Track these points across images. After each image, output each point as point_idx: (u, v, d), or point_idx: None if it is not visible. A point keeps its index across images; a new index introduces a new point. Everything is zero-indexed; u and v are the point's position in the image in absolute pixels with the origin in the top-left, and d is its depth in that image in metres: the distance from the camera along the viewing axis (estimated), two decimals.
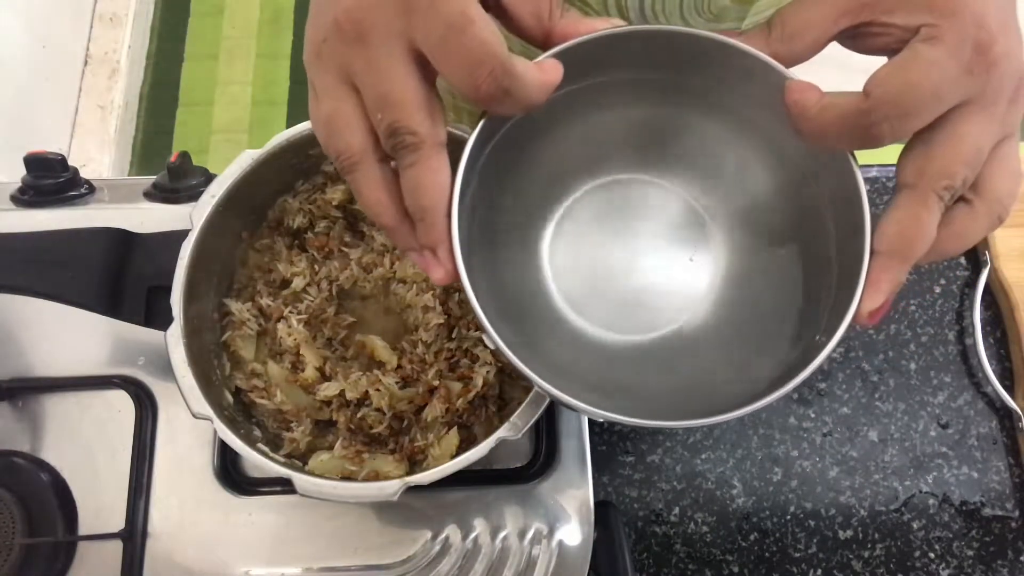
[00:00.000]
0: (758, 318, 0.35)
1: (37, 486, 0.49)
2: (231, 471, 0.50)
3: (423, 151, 0.28)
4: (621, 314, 0.36)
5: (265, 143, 0.45)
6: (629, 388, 0.35)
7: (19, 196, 0.56)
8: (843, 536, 0.53)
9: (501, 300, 0.33)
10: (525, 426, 0.41)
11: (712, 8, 0.43)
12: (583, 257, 0.37)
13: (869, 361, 0.57)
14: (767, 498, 0.54)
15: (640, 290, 0.36)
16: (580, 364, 0.35)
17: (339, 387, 0.48)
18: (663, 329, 0.36)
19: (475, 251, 0.31)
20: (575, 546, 0.48)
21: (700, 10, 0.43)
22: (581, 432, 0.51)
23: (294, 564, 0.48)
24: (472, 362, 0.49)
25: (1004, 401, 0.55)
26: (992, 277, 0.57)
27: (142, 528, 0.49)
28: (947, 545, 0.53)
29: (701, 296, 0.36)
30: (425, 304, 0.49)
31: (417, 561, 0.48)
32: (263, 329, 0.50)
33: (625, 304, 0.36)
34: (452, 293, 0.51)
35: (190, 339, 0.43)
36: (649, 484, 0.54)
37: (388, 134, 0.28)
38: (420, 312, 0.50)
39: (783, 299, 0.34)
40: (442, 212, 0.28)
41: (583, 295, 0.36)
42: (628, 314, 0.36)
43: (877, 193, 0.61)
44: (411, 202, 0.28)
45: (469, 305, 0.28)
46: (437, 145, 0.28)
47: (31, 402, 0.51)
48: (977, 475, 0.54)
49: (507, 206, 0.35)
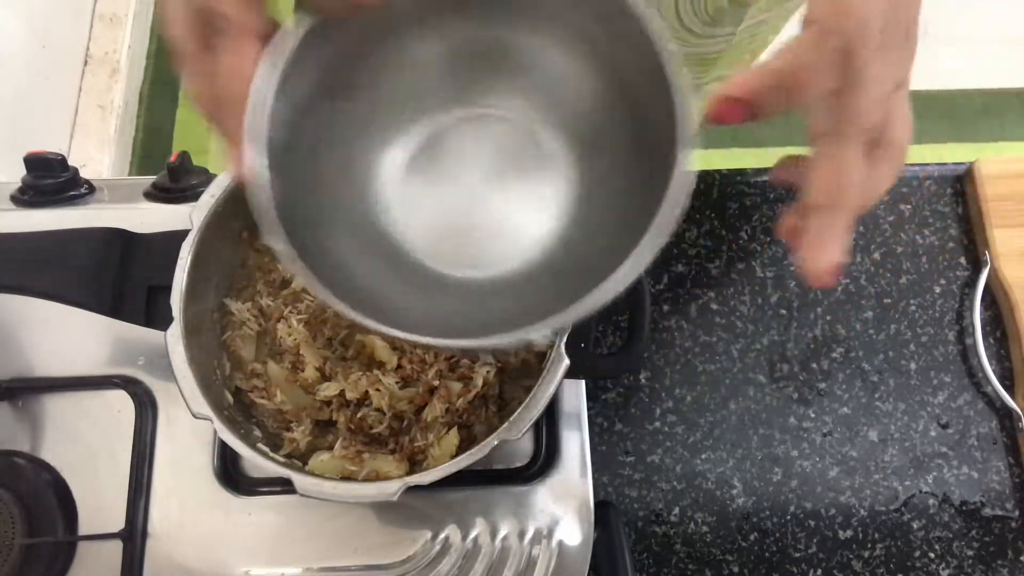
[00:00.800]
0: (602, 242, 0.33)
1: (37, 486, 0.49)
2: (231, 471, 0.50)
3: (231, 36, 0.27)
4: (458, 249, 0.35)
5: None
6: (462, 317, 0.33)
7: (19, 196, 0.56)
8: (843, 536, 0.53)
9: (330, 237, 0.32)
10: (525, 426, 0.41)
11: (709, 9, 0.43)
12: (423, 194, 0.35)
13: (869, 361, 0.57)
14: (767, 498, 0.54)
15: (480, 225, 0.35)
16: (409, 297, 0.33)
17: (339, 387, 0.48)
18: (500, 265, 0.35)
19: (299, 168, 0.30)
20: (575, 546, 0.48)
21: (697, 12, 0.43)
22: (581, 432, 0.51)
23: (294, 564, 0.48)
24: (472, 362, 0.49)
25: (1004, 401, 0.55)
26: (992, 277, 0.57)
27: (142, 528, 0.49)
28: (947, 545, 0.53)
29: (547, 224, 0.35)
30: None
31: (417, 561, 0.48)
32: (263, 329, 0.50)
33: (464, 240, 0.35)
34: None
35: (190, 339, 0.43)
36: (649, 484, 0.54)
37: (202, 20, 0.27)
38: None
39: (627, 215, 0.32)
40: (241, 103, 0.27)
41: (420, 231, 0.34)
42: (465, 249, 0.35)
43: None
44: (218, 90, 0.28)
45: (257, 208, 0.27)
46: (248, 33, 0.27)
47: (31, 402, 0.51)
48: (977, 475, 0.54)
49: (340, 129, 0.34)
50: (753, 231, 0.60)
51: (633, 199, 0.31)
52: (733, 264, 0.59)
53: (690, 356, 0.57)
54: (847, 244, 0.26)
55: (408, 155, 0.35)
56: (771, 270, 0.59)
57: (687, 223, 0.60)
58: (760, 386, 0.56)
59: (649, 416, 0.55)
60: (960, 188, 0.61)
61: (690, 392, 0.56)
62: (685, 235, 0.59)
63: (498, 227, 0.35)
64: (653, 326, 0.57)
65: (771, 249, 0.59)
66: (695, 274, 0.59)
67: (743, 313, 0.58)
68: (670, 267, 0.59)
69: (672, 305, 0.58)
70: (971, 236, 0.60)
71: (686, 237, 0.59)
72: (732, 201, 0.60)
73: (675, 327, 0.57)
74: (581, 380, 0.52)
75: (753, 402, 0.56)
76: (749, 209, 0.60)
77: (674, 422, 0.55)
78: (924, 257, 0.59)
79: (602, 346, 0.56)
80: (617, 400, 0.55)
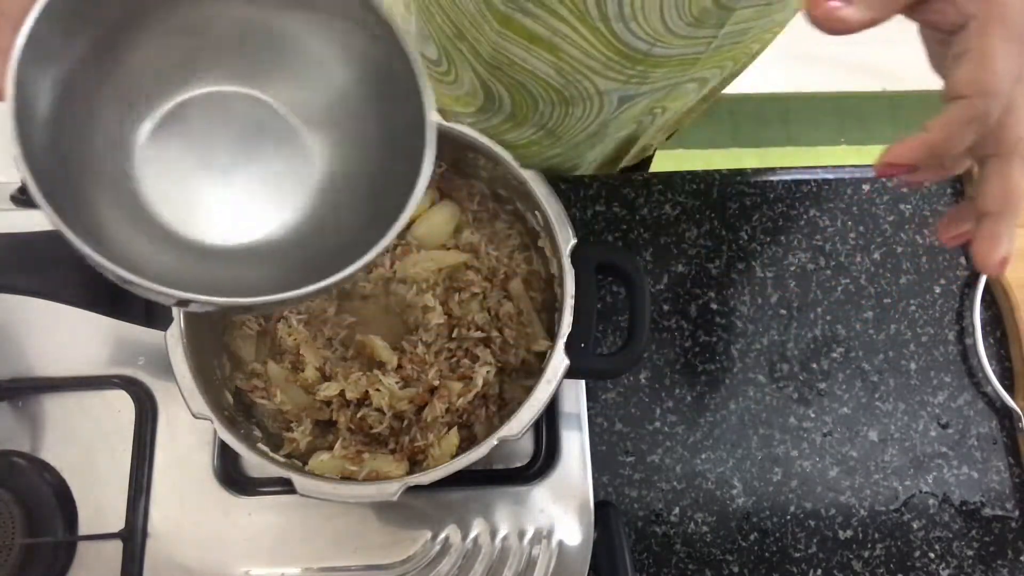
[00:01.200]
0: (350, 220, 0.35)
1: (37, 486, 0.49)
2: (231, 471, 0.50)
3: None
4: (209, 220, 0.36)
5: None
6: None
7: (19, 196, 0.56)
8: (843, 536, 0.53)
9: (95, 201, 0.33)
10: (525, 426, 0.41)
11: (693, 10, 0.43)
12: (174, 167, 0.36)
13: (869, 361, 0.57)
14: (767, 498, 0.54)
15: (229, 199, 0.36)
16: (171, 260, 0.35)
17: (339, 387, 0.48)
18: (253, 234, 0.36)
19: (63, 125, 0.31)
20: (575, 546, 0.48)
21: (681, 12, 0.43)
22: (581, 432, 0.51)
23: (294, 564, 0.48)
24: (472, 362, 0.49)
25: (1004, 401, 0.55)
26: (992, 277, 0.57)
27: (142, 528, 0.49)
28: (947, 545, 0.53)
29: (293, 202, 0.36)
30: (425, 304, 0.49)
31: (417, 561, 0.48)
32: (263, 329, 0.50)
33: (214, 212, 0.36)
34: (453, 293, 0.51)
35: (190, 339, 0.43)
36: (649, 484, 0.54)
37: None
38: (420, 312, 0.50)
39: (374, 198, 0.34)
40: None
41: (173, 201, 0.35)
42: (216, 219, 0.36)
43: (877, 193, 0.61)
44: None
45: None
46: None
47: (31, 402, 0.51)
48: (977, 475, 0.54)
49: (98, 90, 0.34)
50: (753, 231, 0.60)
51: (378, 183, 0.34)
52: (733, 264, 0.59)
53: (690, 356, 0.57)
54: (1014, 240, 0.31)
55: (163, 127, 0.36)
56: (771, 270, 0.59)
57: (687, 223, 0.60)
58: (760, 386, 0.56)
59: (649, 416, 0.55)
60: (960, 188, 0.61)
61: (690, 392, 0.56)
62: (685, 235, 0.59)
63: (247, 201, 0.36)
64: (653, 326, 0.57)
65: (771, 249, 0.59)
66: (695, 274, 0.59)
67: (743, 313, 0.58)
68: (670, 267, 0.59)
69: (672, 305, 0.58)
70: None
71: (686, 237, 0.59)
72: (732, 201, 0.60)
73: (675, 327, 0.57)
74: (581, 380, 0.52)
75: (753, 402, 0.56)
76: (749, 209, 0.60)
77: (674, 422, 0.55)
78: (924, 257, 0.59)
79: (602, 346, 0.56)
80: (617, 400, 0.55)
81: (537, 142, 0.60)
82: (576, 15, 0.44)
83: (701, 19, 0.44)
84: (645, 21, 0.44)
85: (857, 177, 0.62)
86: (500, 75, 0.52)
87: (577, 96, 0.52)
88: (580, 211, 0.59)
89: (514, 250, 0.52)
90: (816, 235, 0.60)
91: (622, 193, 0.60)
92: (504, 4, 0.44)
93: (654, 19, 0.44)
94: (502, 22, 0.46)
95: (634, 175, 0.61)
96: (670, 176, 0.61)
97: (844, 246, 0.59)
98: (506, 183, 0.49)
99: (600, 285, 0.57)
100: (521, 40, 0.47)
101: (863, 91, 1.56)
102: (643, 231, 0.59)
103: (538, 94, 0.53)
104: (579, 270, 0.45)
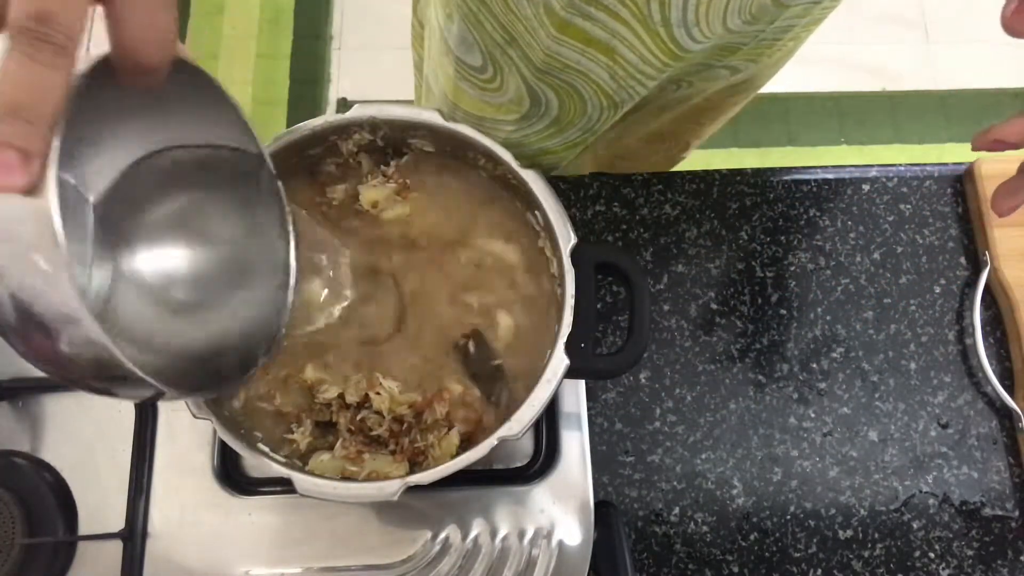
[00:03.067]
0: None
1: (37, 486, 0.49)
2: (231, 471, 0.50)
3: (69, 58, 0.24)
4: None
5: (265, 143, 0.45)
6: None
7: None
8: (843, 536, 0.53)
9: None
10: (525, 426, 0.41)
11: (752, 9, 0.44)
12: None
13: (869, 361, 0.57)
14: (767, 498, 0.54)
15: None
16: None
17: (339, 390, 0.48)
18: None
19: None
20: (575, 546, 0.48)
21: (741, 12, 0.44)
22: (581, 432, 0.51)
23: (294, 564, 0.48)
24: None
25: (1004, 401, 0.55)
26: (992, 277, 0.57)
27: (142, 528, 0.49)
28: (947, 545, 0.53)
29: None
30: None
31: (417, 561, 0.48)
32: None
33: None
34: None
35: None
36: (649, 484, 0.54)
37: (36, 18, 0.24)
38: None
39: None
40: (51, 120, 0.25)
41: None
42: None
43: (877, 193, 0.61)
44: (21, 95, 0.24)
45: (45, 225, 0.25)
46: (77, 56, 0.25)
47: (31, 402, 0.51)
48: (977, 475, 0.54)
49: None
50: (753, 231, 0.60)
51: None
52: (733, 264, 0.59)
53: (690, 356, 0.57)
54: None
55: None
56: (771, 270, 0.59)
57: (687, 223, 0.60)
58: (760, 386, 0.56)
59: (649, 416, 0.55)
60: (960, 188, 0.61)
61: (690, 392, 0.56)
62: (685, 235, 0.59)
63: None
64: (653, 326, 0.57)
65: (771, 249, 0.59)
66: (695, 274, 0.59)
67: (743, 313, 0.58)
68: (670, 267, 0.59)
69: (672, 305, 0.58)
70: (971, 236, 0.60)
71: (686, 237, 0.59)
72: (732, 201, 0.60)
73: (675, 327, 0.57)
74: (581, 380, 0.52)
75: (753, 402, 0.56)
76: (749, 209, 0.60)
77: (674, 422, 0.55)
78: (924, 257, 0.59)
79: (602, 346, 0.56)
80: (617, 400, 0.55)
81: (581, 142, 0.59)
82: (638, 18, 0.43)
83: (758, 16, 0.45)
84: (708, 26, 0.44)
85: (857, 177, 0.62)
86: (550, 80, 0.51)
87: (627, 99, 0.52)
88: (580, 211, 0.59)
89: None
90: (816, 235, 0.60)
91: (622, 193, 0.60)
92: (564, 9, 0.44)
93: (716, 23, 0.44)
94: (560, 28, 0.46)
95: (634, 175, 0.61)
96: (670, 176, 0.61)
97: (844, 246, 0.60)
98: (506, 183, 0.49)
99: (600, 285, 0.57)
100: (577, 44, 0.47)
101: (863, 91, 1.56)
102: (643, 231, 0.59)
103: (588, 97, 0.52)
104: (579, 270, 0.44)
